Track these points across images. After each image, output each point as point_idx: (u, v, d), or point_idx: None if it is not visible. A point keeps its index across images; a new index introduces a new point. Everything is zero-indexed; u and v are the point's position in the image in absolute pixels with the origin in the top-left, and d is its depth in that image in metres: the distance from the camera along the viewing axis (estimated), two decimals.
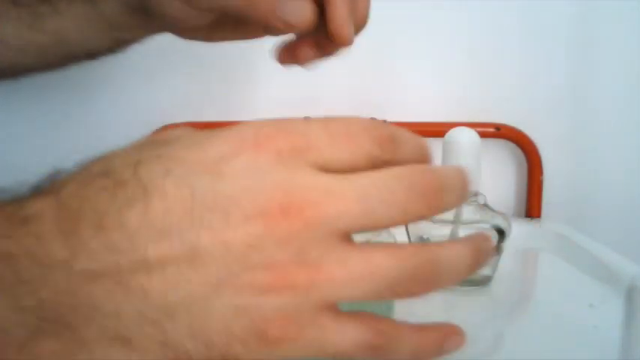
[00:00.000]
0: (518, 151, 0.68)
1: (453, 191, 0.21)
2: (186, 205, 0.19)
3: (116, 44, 0.43)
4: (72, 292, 0.18)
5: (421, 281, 0.20)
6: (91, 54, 0.43)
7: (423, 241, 0.45)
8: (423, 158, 0.23)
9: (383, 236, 0.32)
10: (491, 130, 0.66)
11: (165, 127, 0.67)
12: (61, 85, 0.69)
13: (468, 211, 0.45)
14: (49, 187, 0.21)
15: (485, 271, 0.45)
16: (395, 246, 0.20)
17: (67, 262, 0.18)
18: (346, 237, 0.20)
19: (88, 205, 0.19)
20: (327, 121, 0.21)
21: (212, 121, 0.65)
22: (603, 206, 0.70)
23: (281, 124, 0.20)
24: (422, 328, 0.22)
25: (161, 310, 0.18)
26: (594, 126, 0.69)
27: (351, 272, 0.19)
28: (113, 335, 0.18)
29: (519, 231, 0.51)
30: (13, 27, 0.37)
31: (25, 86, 0.68)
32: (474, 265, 0.22)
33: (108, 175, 0.20)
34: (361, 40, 0.36)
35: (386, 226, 0.20)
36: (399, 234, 0.35)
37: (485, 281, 0.46)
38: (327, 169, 0.20)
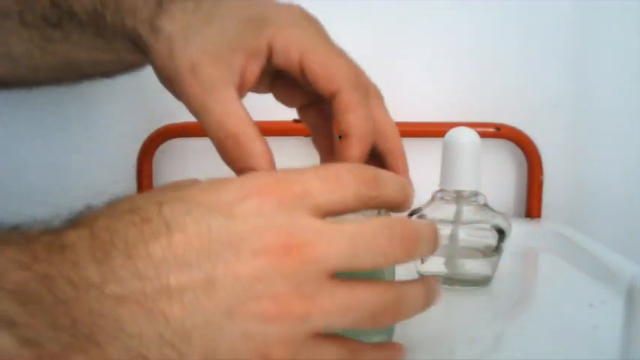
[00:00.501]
0: (518, 151, 0.68)
1: (427, 242, 0.26)
2: (204, 240, 0.22)
3: (132, 69, 0.45)
4: (101, 313, 0.20)
5: (392, 312, 0.25)
6: (105, 75, 0.44)
7: None
8: (404, 194, 0.27)
9: None
10: (492, 130, 0.66)
11: (166, 128, 0.67)
12: (60, 85, 0.68)
13: (468, 211, 0.45)
14: (82, 220, 0.23)
15: (485, 271, 0.45)
16: (371, 282, 0.24)
17: (99, 286, 0.21)
18: (334, 274, 0.23)
19: (117, 237, 0.22)
20: (318, 169, 0.25)
21: None
22: (603, 206, 0.70)
23: (280, 176, 0.24)
24: (380, 345, 0.28)
25: (179, 334, 0.21)
26: (594, 126, 0.69)
27: (339, 305, 0.23)
28: (135, 354, 0.21)
29: (519, 231, 0.51)
30: (24, 47, 0.38)
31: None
32: (428, 303, 0.28)
33: (134, 212, 0.23)
34: (361, 40, 0.36)
35: (369, 268, 0.24)
36: None
37: (485, 281, 0.46)
38: (322, 212, 0.24)
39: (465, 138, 0.44)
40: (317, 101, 0.34)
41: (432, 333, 0.38)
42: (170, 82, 0.31)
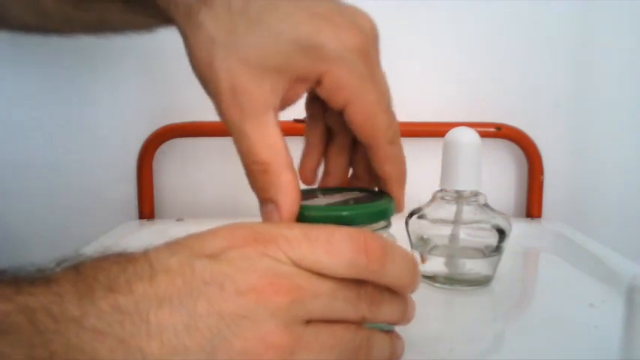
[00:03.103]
0: (519, 151, 0.68)
1: (396, 307, 0.28)
2: (187, 279, 0.22)
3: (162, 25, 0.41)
4: (80, 347, 0.20)
5: (364, 350, 0.26)
6: (139, 32, 0.42)
7: (423, 241, 0.45)
8: (410, 278, 0.27)
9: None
10: (492, 129, 0.66)
11: (166, 128, 0.67)
12: (61, 85, 0.69)
13: (468, 211, 0.45)
14: (70, 260, 0.24)
15: (485, 270, 0.45)
16: (345, 323, 0.25)
17: (79, 319, 0.21)
18: (312, 318, 0.24)
19: (102, 273, 0.22)
20: (309, 228, 0.25)
21: (212, 121, 0.65)
22: (603, 206, 0.70)
23: (267, 228, 0.25)
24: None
25: None
26: (594, 126, 0.69)
27: (323, 344, 0.24)
28: None
29: (519, 231, 0.51)
30: (57, 4, 0.39)
31: (25, 86, 0.69)
32: (395, 351, 0.29)
33: (121, 254, 0.23)
34: None
35: (343, 318, 0.25)
36: (399, 235, 0.35)
37: (485, 281, 0.45)
38: (305, 267, 0.24)
39: (466, 138, 0.44)
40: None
41: (432, 333, 0.38)
42: (206, 88, 0.29)
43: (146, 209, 0.68)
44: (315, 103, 0.34)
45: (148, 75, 0.68)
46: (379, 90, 0.30)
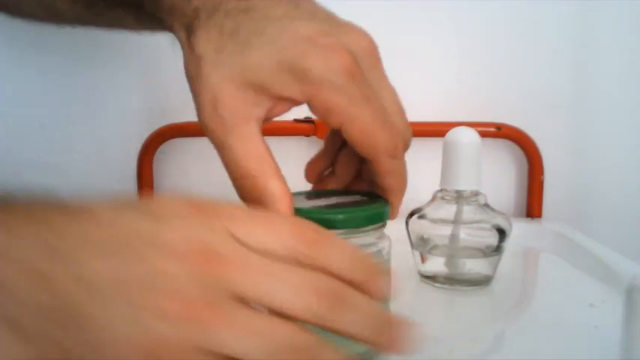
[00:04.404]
0: (519, 151, 0.68)
1: (355, 311, 0.23)
2: (127, 235, 0.22)
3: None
4: None
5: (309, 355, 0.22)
6: (152, 32, 0.44)
7: (423, 241, 0.45)
8: (360, 270, 0.24)
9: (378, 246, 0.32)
10: (492, 129, 0.66)
11: (166, 128, 0.67)
12: (61, 85, 0.69)
13: (468, 211, 0.45)
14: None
15: (485, 270, 0.45)
16: (291, 323, 0.21)
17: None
18: (245, 300, 0.21)
19: (37, 207, 0.23)
20: (252, 210, 0.26)
21: None
22: (604, 206, 0.70)
23: (213, 202, 0.24)
24: None
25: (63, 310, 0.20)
26: (594, 126, 0.69)
27: (249, 327, 0.21)
28: (2, 315, 0.20)
29: (520, 231, 0.51)
30: (69, 6, 0.40)
31: (25, 86, 0.69)
32: None
33: (70, 201, 0.24)
34: None
35: (287, 311, 0.21)
36: (400, 235, 0.35)
37: (485, 281, 0.45)
38: (244, 244, 0.22)
39: (466, 138, 0.44)
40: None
41: (432, 333, 0.38)
42: (194, 103, 0.30)
43: None
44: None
45: (149, 75, 0.68)
46: (373, 108, 0.29)
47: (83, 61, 0.68)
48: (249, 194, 0.28)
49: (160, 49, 0.66)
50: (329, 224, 0.28)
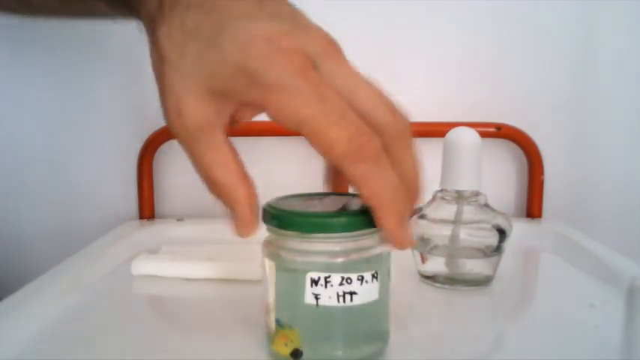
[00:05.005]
0: (519, 151, 0.68)
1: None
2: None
3: None
4: None
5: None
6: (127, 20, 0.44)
7: (424, 241, 0.45)
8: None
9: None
10: (492, 129, 0.66)
11: (166, 128, 0.67)
12: (61, 85, 0.69)
13: (468, 211, 0.45)
14: None
15: (486, 270, 0.45)
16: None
17: None
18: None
19: None
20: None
21: None
22: (604, 206, 0.70)
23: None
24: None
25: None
26: (595, 126, 0.69)
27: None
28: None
29: (520, 231, 0.51)
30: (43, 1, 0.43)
31: (25, 85, 0.69)
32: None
33: None
34: (362, 40, 0.36)
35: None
36: None
37: (486, 281, 0.45)
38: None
39: (466, 138, 0.44)
40: None
41: (432, 333, 0.38)
42: (159, 97, 0.30)
43: (146, 209, 0.68)
44: None
45: (149, 75, 0.68)
46: (329, 107, 0.27)
47: (83, 61, 0.68)
48: (219, 196, 0.30)
49: None
50: (321, 228, 0.29)
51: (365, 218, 0.29)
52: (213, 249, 0.53)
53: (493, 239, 0.44)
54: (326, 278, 0.29)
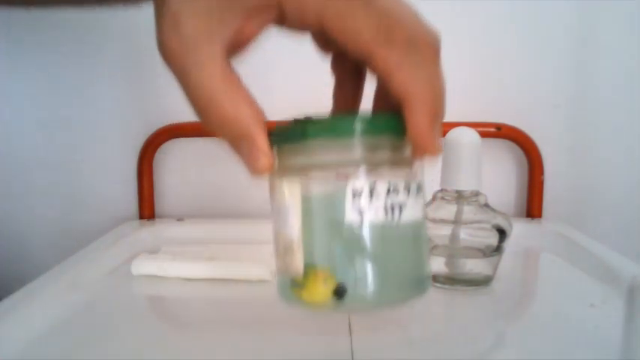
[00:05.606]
0: (519, 151, 0.68)
1: None
2: None
3: None
4: None
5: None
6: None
7: None
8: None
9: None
10: (492, 129, 0.66)
11: (166, 128, 0.67)
12: (61, 85, 0.69)
13: (468, 211, 0.45)
14: None
15: (486, 270, 0.45)
16: None
17: None
18: None
19: None
20: None
21: None
22: (604, 206, 0.70)
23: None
24: None
25: None
26: (594, 126, 0.69)
27: None
28: None
29: (520, 231, 0.51)
30: None
31: (25, 86, 0.69)
32: None
33: None
34: None
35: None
36: None
37: (486, 281, 0.45)
38: None
39: (466, 138, 0.44)
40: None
41: (432, 333, 0.38)
42: (156, 38, 0.26)
43: (146, 209, 0.68)
44: (338, 61, 0.30)
45: (149, 75, 0.68)
46: None
47: (83, 61, 0.68)
48: (217, 122, 0.24)
49: None
50: (360, 128, 0.24)
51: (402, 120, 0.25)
52: (213, 249, 0.53)
53: (493, 239, 0.44)
54: (370, 187, 0.24)
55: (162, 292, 0.47)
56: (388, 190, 0.24)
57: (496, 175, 0.70)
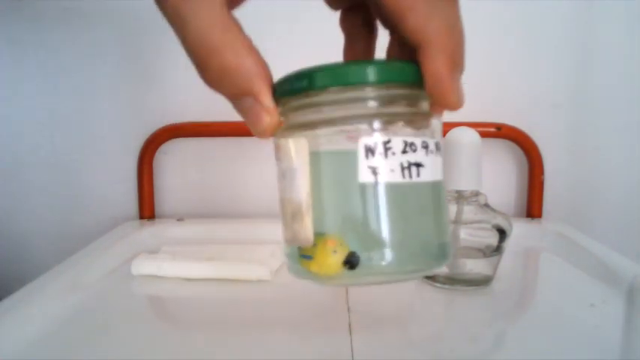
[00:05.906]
0: (519, 151, 0.68)
1: None
2: None
3: None
4: None
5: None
6: None
7: None
8: None
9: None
10: (492, 129, 0.66)
11: (166, 128, 0.67)
12: (61, 85, 0.69)
13: (468, 211, 0.45)
14: None
15: (486, 270, 0.45)
16: None
17: None
18: None
19: None
20: None
21: (212, 122, 0.65)
22: (604, 206, 0.70)
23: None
24: None
25: None
26: (594, 126, 0.69)
27: None
28: None
29: (520, 231, 0.51)
30: None
31: (25, 86, 0.69)
32: None
33: None
34: None
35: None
36: None
37: (486, 281, 0.45)
38: None
39: (466, 138, 0.44)
40: (359, 4, 0.27)
41: (432, 333, 0.38)
42: None
43: (146, 209, 0.68)
44: (348, 16, 0.28)
45: (149, 75, 0.68)
46: None
47: (83, 61, 0.68)
48: (217, 74, 0.22)
49: (161, 50, 0.66)
50: (374, 75, 0.22)
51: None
52: (213, 249, 0.53)
53: (493, 239, 0.44)
54: (385, 143, 0.21)
55: (162, 292, 0.47)
56: (405, 148, 0.22)
57: (496, 175, 0.70)
